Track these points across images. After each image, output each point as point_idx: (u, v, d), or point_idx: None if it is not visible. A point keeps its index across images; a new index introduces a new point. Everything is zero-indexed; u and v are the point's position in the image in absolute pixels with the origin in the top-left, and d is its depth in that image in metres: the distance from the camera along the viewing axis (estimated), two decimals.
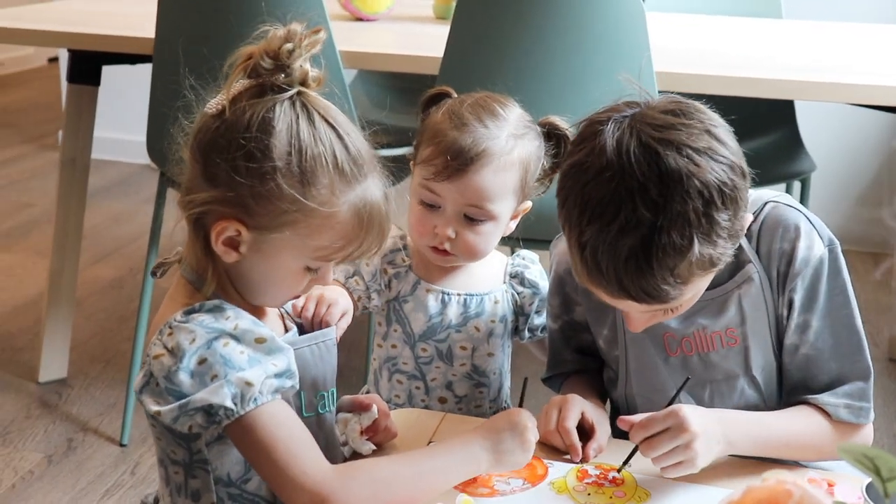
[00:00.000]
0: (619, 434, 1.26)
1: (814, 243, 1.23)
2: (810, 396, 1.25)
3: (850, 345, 1.25)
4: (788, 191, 2.73)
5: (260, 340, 1.03)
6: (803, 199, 2.62)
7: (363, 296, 1.42)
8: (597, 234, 1.08)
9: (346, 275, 1.42)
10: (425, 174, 1.33)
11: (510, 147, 1.32)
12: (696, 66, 2.09)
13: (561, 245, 1.37)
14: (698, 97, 1.17)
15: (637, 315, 1.20)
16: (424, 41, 2.16)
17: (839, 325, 1.25)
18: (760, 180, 2.62)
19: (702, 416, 1.15)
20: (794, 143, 2.81)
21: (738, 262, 1.24)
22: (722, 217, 1.09)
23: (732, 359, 1.27)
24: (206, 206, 1.03)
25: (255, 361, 1.01)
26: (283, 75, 1.02)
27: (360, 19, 2.59)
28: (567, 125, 1.39)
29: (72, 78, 2.45)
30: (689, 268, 1.09)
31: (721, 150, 1.09)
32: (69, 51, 2.42)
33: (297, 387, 1.06)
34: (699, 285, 1.15)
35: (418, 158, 1.36)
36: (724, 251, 1.11)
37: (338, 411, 1.23)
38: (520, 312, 1.46)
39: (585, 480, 1.18)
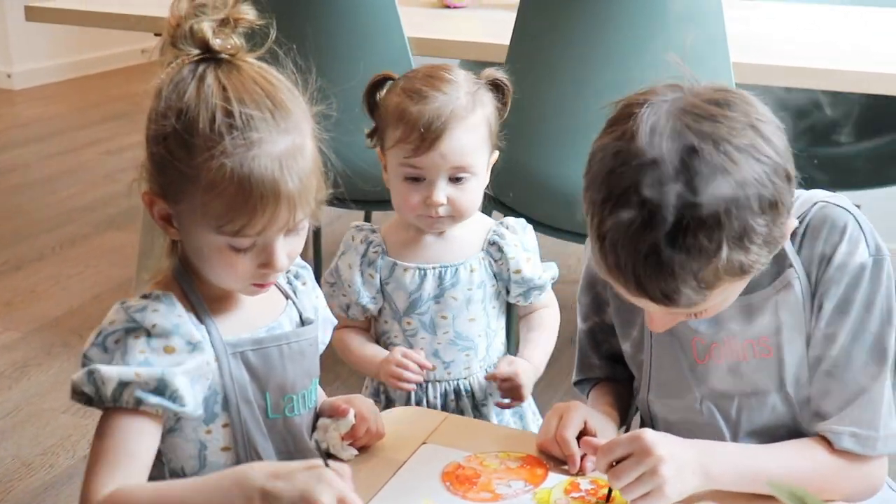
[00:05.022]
0: None
1: (857, 249, 1.11)
2: (816, 425, 1.14)
3: (876, 372, 1.12)
4: None
5: (169, 350, 1.01)
6: None
7: (363, 310, 1.49)
8: (617, 226, 0.98)
9: (341, 308, 1.49)
10: (404, 153, 1.39)
11: (472, 104, 1.40)
12: (778, 58, 1.96)
13: None
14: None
15: (658, 315, 1.10)
16: (501, 29, 2.10)
17: (868, 346, 1.12)
18: (872, 181, 2.49)
19: (671, 442, 1.06)
20: None
21: (779, 267, 1.13)
22: (758, 222, 0.98)
23: (764, 371, 1.16)
24: (143, 177, 1.03)
25: (146, 365, 1.00)
26: (194, 48, 1.00)
27: (447, 6, 2.56)
28: (504, 76, 1.46)
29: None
30: (716, 273, 0.98)
31: (764, 149, 0.98)
32: (157, 35, 2.47)
33: (181, 410, 1.01)
34: (728, 292, 1.05)
35: (388, 143, 1.41)
36: (757, 258, 1.00)
37: (319, 415, 1.19)
38: (499, 278, 1.50)
39: (572, 494, 1.11)
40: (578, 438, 1.17)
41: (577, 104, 1.93)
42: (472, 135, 1.39)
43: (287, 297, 1.16)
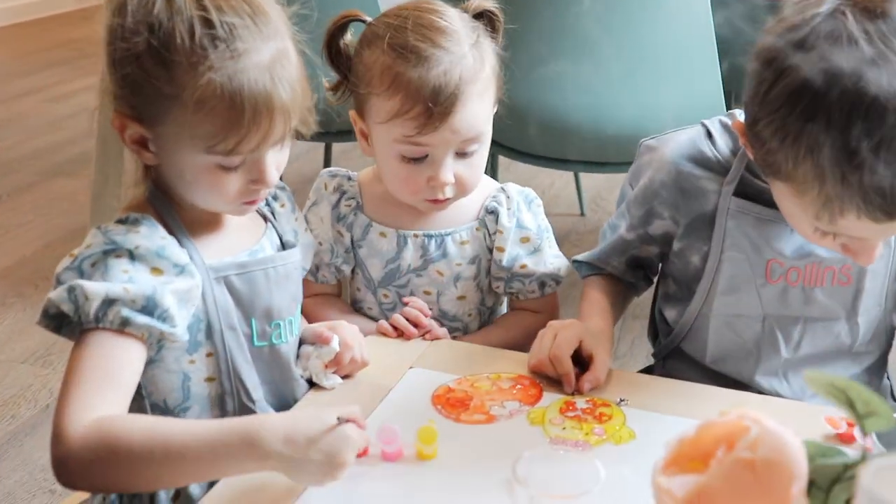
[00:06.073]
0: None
1: None
2: None
3: None
4: None
5: (156, 272, 0.94)
6: None
7: (335, 271, 1.32)
8: (881, 144, 0.92)
9: (310, 271, 1.27)
10: (405, 130, 1.16)
11: (480, 60, 1.17)
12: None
13: (660, 153, 1.21)
14: None
15: (879, 242, 1.05)
16: None
17: None
18: None
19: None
20: None
21: None
22: None
23: (838, 299, 1.16)
24: (113, 104, 0.95)
25: (132, 283, 0.93)
26: None
27: None
28: (494, 6, 1.22)
29: None
30: None
31: None
32: None
33: (171, 331, 0.94)
34: None
35: (376, 115, 1.18)
36: None
37: (302, 342, 1.14)
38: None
39: (567, 413, 1.07)
40: (573, 357, 1.13)
41: (554, 27, 1.86)
42: (484, 99, 1.17)
43: (266, 219, 1.10)
